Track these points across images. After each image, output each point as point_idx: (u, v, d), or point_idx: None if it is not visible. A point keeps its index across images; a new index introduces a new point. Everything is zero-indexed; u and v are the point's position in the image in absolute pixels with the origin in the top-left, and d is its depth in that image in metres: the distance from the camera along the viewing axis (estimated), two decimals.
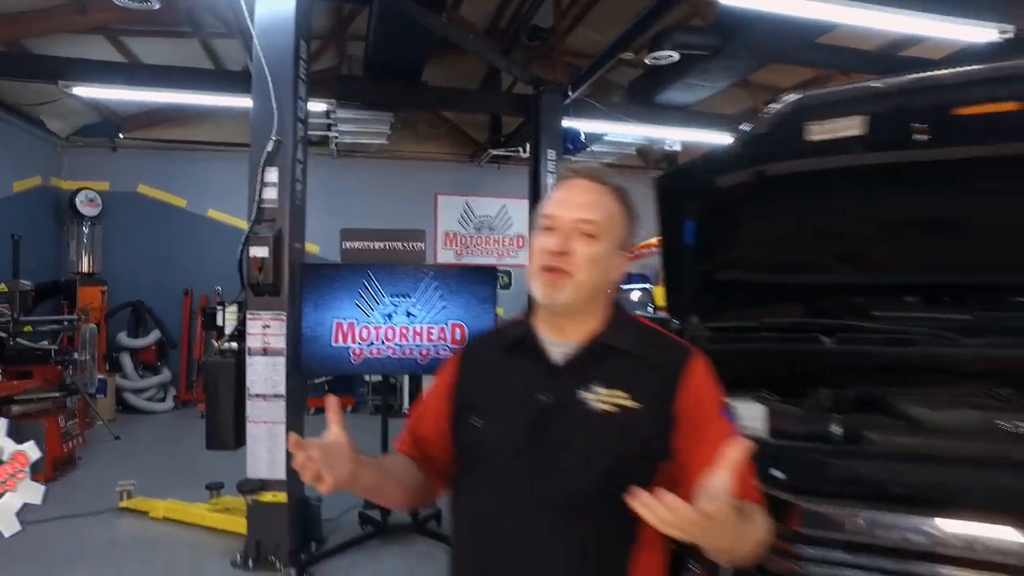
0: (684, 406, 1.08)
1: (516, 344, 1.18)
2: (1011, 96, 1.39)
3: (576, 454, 1.07)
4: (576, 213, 1.11)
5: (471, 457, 1.16)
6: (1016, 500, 1.19)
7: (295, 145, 3.77)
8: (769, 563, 1.25)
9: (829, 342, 2.09)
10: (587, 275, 1.09)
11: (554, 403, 1.09)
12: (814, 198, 1.83)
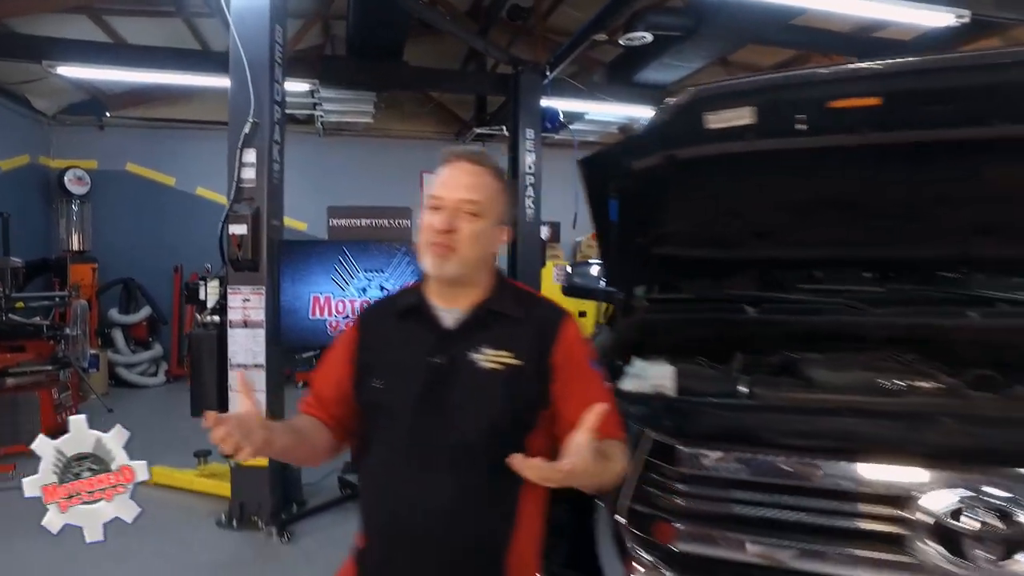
0: (558, 360, 1.24)
1: (410, 311, 1.30)
2: (872, 92, 1.58)
3: (469, 408, 1.21)
4: (460, 194, 1.23)
5: (374, 415, 1.28)
6: (871, 441, 1.40)
7: (272, 127, 3.91)
8: (657, 498, 1.46)
9: (753, 312, 2.30)
10: (471, 250, 1.22)
11: (447, 364, 1.22)
12: (726, 179, 2.02)
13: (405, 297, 1.35)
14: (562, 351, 1.25)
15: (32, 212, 8.25)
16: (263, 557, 3.55)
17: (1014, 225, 2.00)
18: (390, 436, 1.26)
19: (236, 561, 3.52)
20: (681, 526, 1.39)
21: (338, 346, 1.37)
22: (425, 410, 1.22)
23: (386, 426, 1.27)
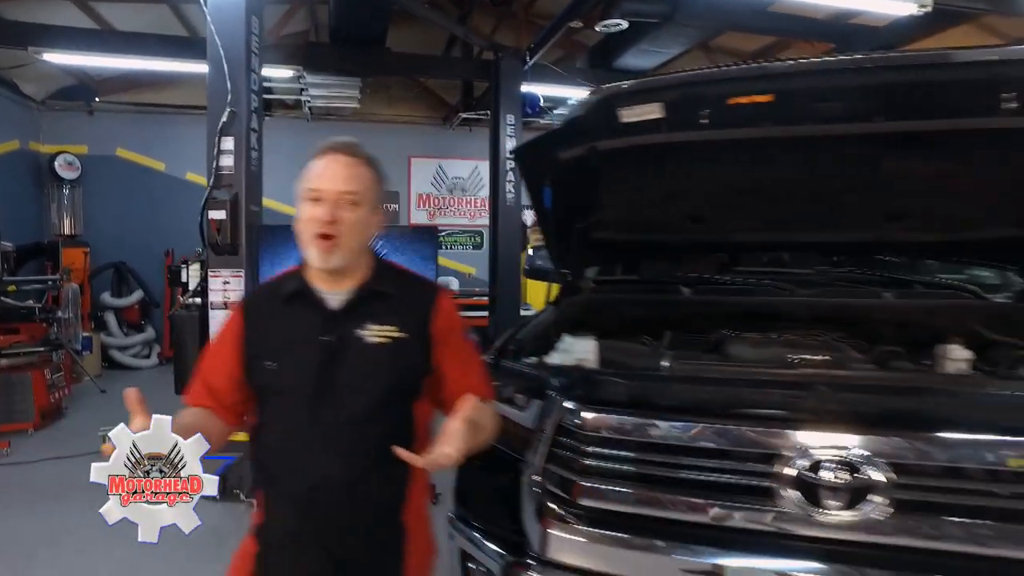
0: (437, 329, 1.36)
1: (295, 296, 1.36)
2: (764, 90, 1.72)
3: (361, 381, 1.30)
4: (339, 185, 1.29)
5: (267, 395, 1.35)
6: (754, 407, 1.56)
7: (249, 115, 4.04)
8: (566, 460, 1.63)
9: (689, 293, 2.46)
10: (354, 238, 1.30)
11: (337, 342, 1.31)
12: (655, 168, 2.17)
13: (288, 283, 1.39)
14: (440, 321, 1.37)
15: (23, 197, 8.37)
16: (243, 526, 3.74)
17: (919, 212, 2.16)
18: (285, 413, 1.33)
19: (218, 529, 3.70)
20: (586, 483, 1.56)
21: (223, 335, 1.42)
22: (320, 386, 1.30)
23: (281, 404, 1.34)
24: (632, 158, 2.07)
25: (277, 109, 9.71)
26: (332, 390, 1.30)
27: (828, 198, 2.18)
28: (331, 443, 1.29)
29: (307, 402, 1.30)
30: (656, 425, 1.52)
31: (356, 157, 1.34)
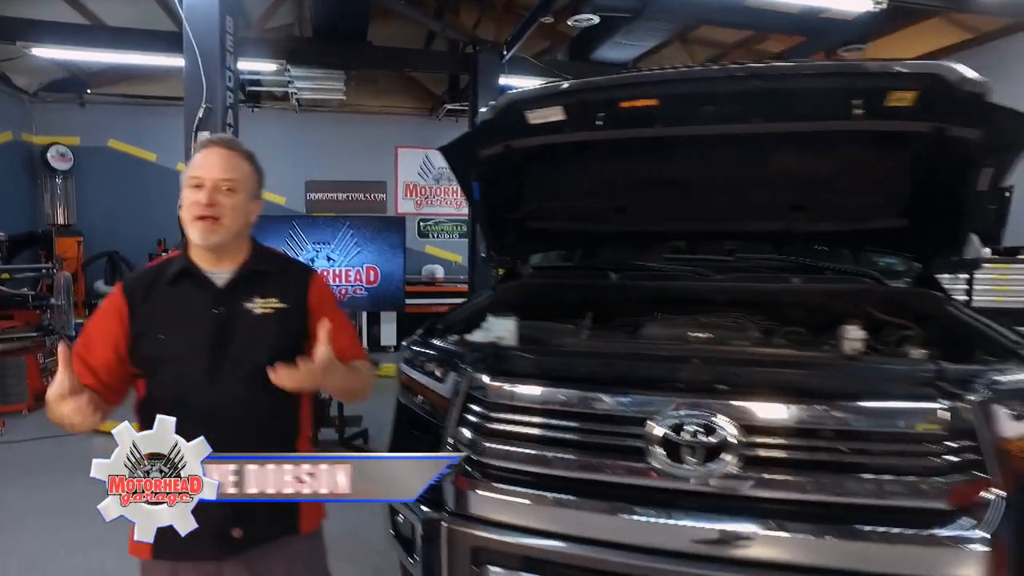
0: (313, 301, 1.55)
1: (181, 275, 1.49)
2: (649, 95, 1.92)
3: (251, 347, 1.47)
4: (218, 174, 1.44)
5: (158, 365, 1.47)
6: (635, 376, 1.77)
7: (225, 111, 4.23)
8: (473, 422, 1.85)
9: (615, 278, 2.67)
10: (232, 220, 1.45)
11: (227, 314, 1.47)
12: (575, 164, 2.37)
13: (171, 266, 1.52)
14: (315, 294, 1.57)
15: (17, 187, 8.57)
16: None
17: (818, 204, 2.36)
18: (180, 380, 1.46)
19: None
20: (489, 444, 1.78)
21: (104, 319, 1.50)
22: (214, 353, 1.46)
23: (174, 373, 1.46)
24: (553, 154, 2.28)
25: (266, 100, 9.88)
26: (226, 356, 1.46)
27: (735, 191, 2.38)
28: (226, 402, 1.45)
29: (203, 368, 1.45)
30: (547, 393, 1.74)
31: (234, 150, 1.50)
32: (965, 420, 1.54)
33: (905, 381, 1.67)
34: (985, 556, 1.48)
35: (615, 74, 7.14)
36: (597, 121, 1.99)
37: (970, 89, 1.67)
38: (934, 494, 1.53)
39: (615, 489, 1.68)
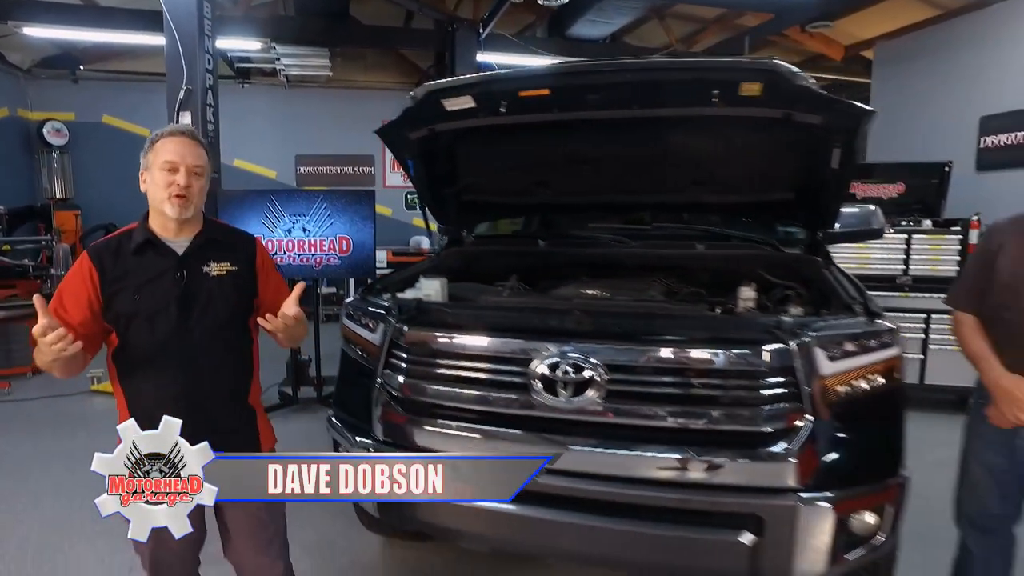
0: (259, 265, 1.87)
1: (145, 245, 1.74)
2: (543, 86, 2.22)
3: (212, 304, 1.77)
4: (191, 160, 1.73)
5: (130, 322, 1.71)
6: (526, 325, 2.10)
7: (205, 92, 4.52)
8: (395, 365, 2.20)
9: (544, 245, 3.01)
10: (199, 199, 1.77)
11: (188, 277, 1.75)
12: (497, 144, 2.69)
13: (135, 236, 1.77)
14: (260, 259, 1.89)
15: (15, 162, 8.86)
16: None
17: (716, 179, 2.67)
18: (152, 333, 1.73)
19: None
20: (407, 383, 2.14)
21: (75, 282, 1.73)
22: (180, 311, 1.74)
23: (146, 326, 1.73)
24: (480, 136, 2.59)
25: (256, 77, 10.10)
26: (191, 311, 1.76)
27: (641, 167, 2.69)
28: (191, 351, 1.75)
29: (173, 321, 1.74)
30: (453, 339, 2.09)
31: (197, 140, 1.80)
32: (786, 360, 1.88)
33: (745, 329, 2.00)
34: (794, 467, 1.84)
35: (581, 52, 7.39)
36: (501, 108, 2.29)
37: (801, 82, 1.98)
38: (758, 420, 1.88)
39: (506, 418, 2.04)
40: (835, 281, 2.41)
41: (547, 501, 1.95)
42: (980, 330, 2.11)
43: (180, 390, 1.75)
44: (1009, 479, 2.11)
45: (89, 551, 2.95)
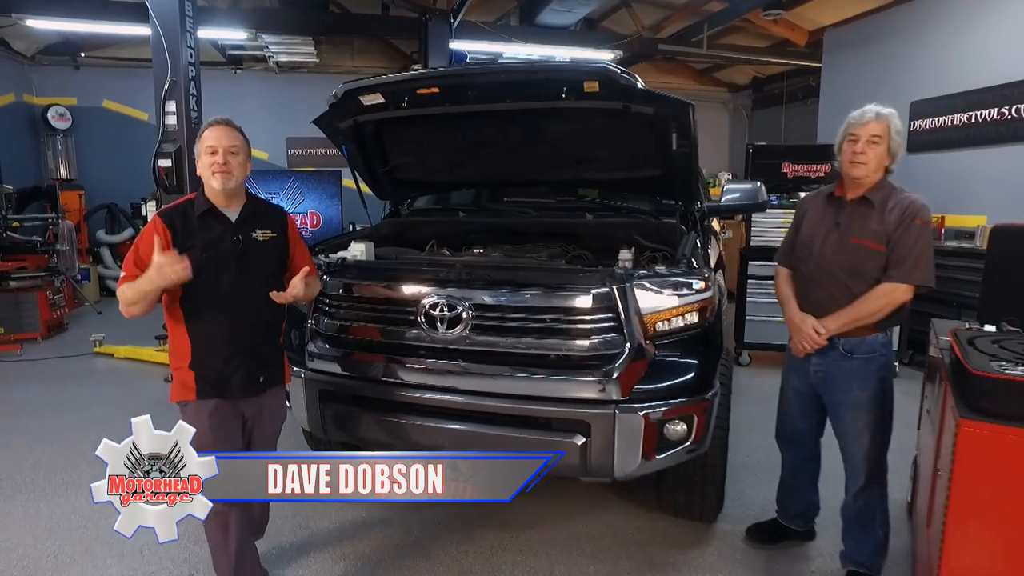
0: (290, 233, 2.31)
1: (206, 213, 2.16)
2: (433, 85, 2.75)
3: (259, 262, 2.19)
4: (227, 142, 2.12)
5: (199, 273, 2.04)
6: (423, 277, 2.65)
7: (188, 82, 5.05)
8: (322, 309, 2.76)
9: (464, 216, 3.56)
10: (239, 172, 2.15)
11: (242, 240, 2.17)
12: (414, 131, 3.22)
13: (197, 205, 2.17)
14: (290, 229, 2.34)
15: (22, 145, 9.44)
16: None
17: (595, 159, 3.20)
18: (216, 283, 2.12)
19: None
20: (328, 322, 2.71)
21: (150, 239, 2.04)
22: (238, 267, 2.15)
23: (210, 278, 2.11)
24: (402, 124, 3.13)
25: (248, 63, 10.59)
26: (243, 268, 2.17)
27: (532, 149, 3.22)
28: (245, 299, 2.17)
29: (231, 275, 2.14)
30: (362, 287, 2.65)
31: (233, 127, 2.20)
32: (609, 301, 2.42)
33: (583, 278, 2.53)
34: (615, 383, 2.38)
35: (550, 39, 7.76)
36: (403, 103, 2.84)
37: (627, 81, 2.50)
38: (587, 348, 2.43)
39: (402, 347, 2.60)
40: (683, 243, 2.94)
41: (431, 412, 2.53)
42: (789, 280, 2.65)
43: (237, 330, 2.18)
44: (807, 399, 2.64)
45: (89, 472, 3.57)
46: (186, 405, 2.19)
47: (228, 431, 2.21)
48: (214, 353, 2.17)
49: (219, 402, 2.19)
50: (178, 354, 2.19)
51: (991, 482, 1.65)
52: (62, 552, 2.77)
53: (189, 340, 2.17)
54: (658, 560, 2.74)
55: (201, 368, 2.17)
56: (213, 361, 2.17)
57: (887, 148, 2.38)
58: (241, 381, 2.20)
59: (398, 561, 2.71)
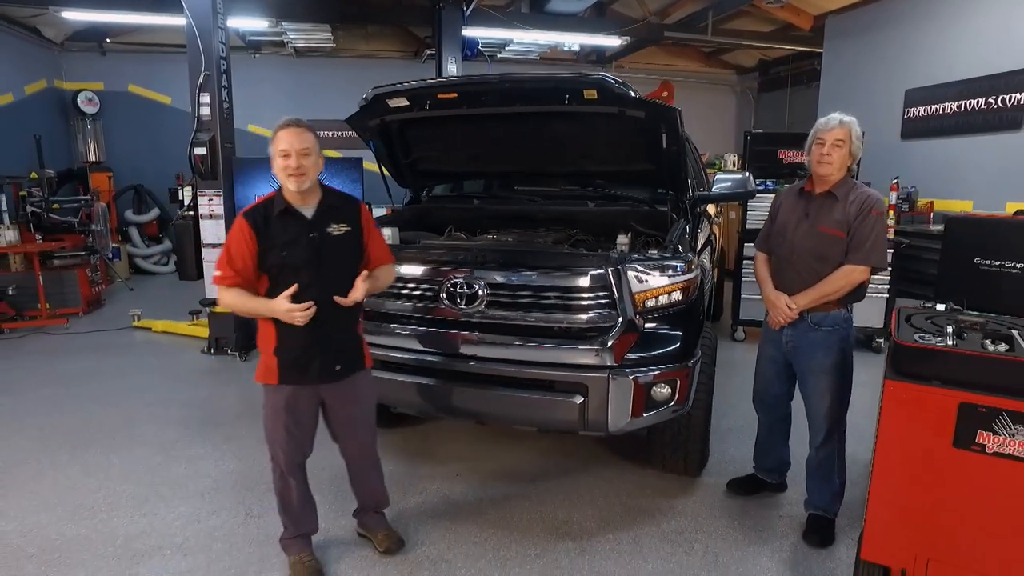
0: (364, 224, 2.42)
1: (284, 212, 2.27)
2: (452, 91, 3.12)
3: (335, 256, 2.31)
4: (298, 145, 2.20)
5: (280, 271, 2.22)
6: (448, 260, 3.04)
7: (220, 75, 5.42)
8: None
9: (478, 203, 3.94)
10: (313, 171, 2.25)
11: (318, 236, 2.27)
12: (436, 129, 3.59)
13: (275, 205, 2.28)
14: (364, 220, 2.45)
15: (54, 129, 9.87)
16: (228, 369, 5.45)
17: (595, 154, 3.56)
18: (294, 281, 2.22)
19: (212, 370, 5.42)
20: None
21: (240, 239, 2.23)
22: (315, 261, 2.27)
23: (291, 275, 2.23)
24: (425, 122, 3.51)
25: (266, 47, 10.92)
26: (320, 263, 2.29)
27: (542, 145, 3.59)
28: (324, 292, 2.28)
29: (309, 271, 2.27)
30: (407, 270, 3.03)
31: (304, 127, 2.28)
32: (605, 281, 2.80)
33: (583, 260, 2.90)
34: (610, 351, 2.78)
35: (559, 26, 8.03)
36: (426, 106, 3.22)
37: (621, 90, 2.86)
38: (587, 320, 2.82)
39: (427, 320, 3.01)
40: (672, 230, 3.31)
41: (454, 377, 2.93)
42: (766, 263, 3.02)
43: (319, 323, 2.28)
44: (781, 367, 3.02)
45: (147, 430, 4.04)
46: (268, 387, 2.41)
47: (300, 415, 2.41)
48: (294, 342, 2.31)
49: (297, 388, 2.38)
50: (265, 340, 2.36)
51: (906, 430, 2.03)
52: (137, 494, 3.23)
53: (275, 329, 2.32)
54: (647, 507, 3.16)
55: (283, 355, 2.34)
56: (293, 349, 2.33)
57: (849, 150, 2.72)
58: (318, 369, 2.37)
59: (419, 507, 3.15)
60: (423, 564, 2.67)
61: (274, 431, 2.45)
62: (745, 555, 2.77)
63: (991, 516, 1.95)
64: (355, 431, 2.60)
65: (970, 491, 1.97)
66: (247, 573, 2.60)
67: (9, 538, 2.85)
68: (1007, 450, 1.89)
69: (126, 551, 2.74)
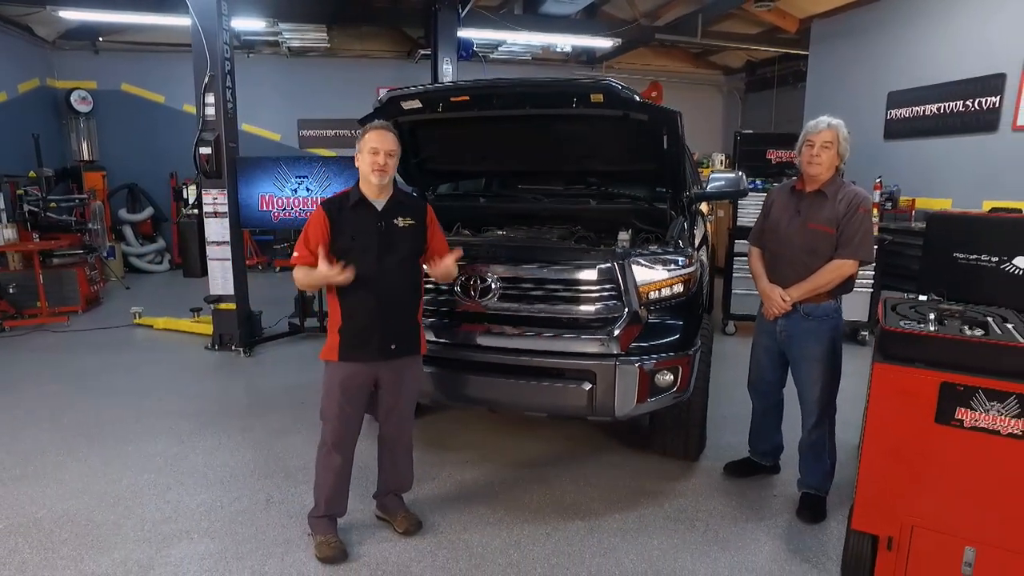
0: (428, 221, 2.66)
1: (358, 203, 2.53)
2: (464, 94, 3.28)
3: (400, 246, 2.54)
4: (387, 146, 2.48)
5: (348, 255, 2.45)
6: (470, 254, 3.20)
7: (224, 76, 5.51)
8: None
9: (484, 201, 4.09)
10: (391, 171, 2.50)
11: (385, 227, 2.52)
12: (445, 130, 3.74)
13: (351, 196, 2.55)
14: (429, 218, 2.69)
15: (48, 128, 9.84)
16: (233, 364, 5.55)
17: (599, 154, 3.73)
18: (362, 264, 2.47)
19: (217, 367, 5.52)
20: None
21: (316, 225, 2.49)
22: (381, 249, 2.51)
23: (357, 259, 2.47)
24: (434, 124, 3.66)
25: (260, 47, 10.96)
26: (386, 252, 2.54)
27: (549, 146, 3.75)
28: (388, 277, 2.54)
29: (375, 257, 2.51)
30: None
31: (391, 131, 2.57)
32: (611, 274, 2.97)
33: (590, 255, 3.07)
34: (616, 340, 2.95)
35: (552, 28, 8.18)
36: (438, 108, 3.37)
37: (626, 94, 3.03)
38: (594, 312, 2.99)
39: (443, 313, 3.15)
40: (672, 226, 3.49)
41: (470, 367, 3.09)
42: (760, 257, 3.20)
43: (379, 304, 2.55)
44: (775, 356, 3.21)
45: (159, 423, 4.15)
46: (328, 364, 2.63)
47: (355, 392, 2.62)
48: (356, 321, 2.57)
49: (354, 366, 2.60)
50: (332, 319, 2.62)
51: (893, 408, 2.22)
52: (159, 482, 3.35)
53: (340, 311, 2.58)
54: (651, 489, 3.33)
55: (345, 334, 2.58)
56: (354, 327, 2.57)
57: (837, 151, 2.90)
58: (375, 346, 2.58)
59: (434, 492, 3.30)
60: (442, 544, 2.82)
61: (328, 407, 2.66)
62: (743, 531, 2.95)
63: (969, 484, 2.15)
64: (399, 412, 2.77)
65: (950, 462, 2.16)
66: (273, 554, 2.74)
67: (43, 524, 2.96)
68: (983, 424, 2.08)
69: (155, 535, 2.87)
